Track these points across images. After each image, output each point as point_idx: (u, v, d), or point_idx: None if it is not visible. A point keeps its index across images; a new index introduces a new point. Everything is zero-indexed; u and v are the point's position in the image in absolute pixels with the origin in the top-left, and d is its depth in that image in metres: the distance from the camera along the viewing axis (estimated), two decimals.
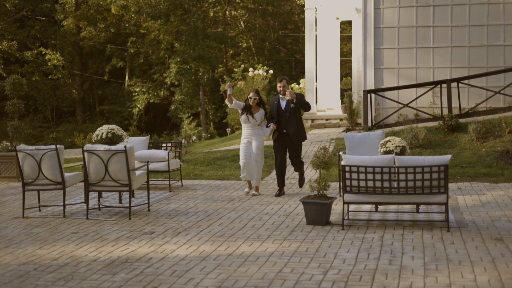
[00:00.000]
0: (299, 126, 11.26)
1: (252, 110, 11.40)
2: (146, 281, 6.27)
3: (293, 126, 11.15)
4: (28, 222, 9.40)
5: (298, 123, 11.22)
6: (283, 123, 11.22)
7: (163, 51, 42.42)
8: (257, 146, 11.32)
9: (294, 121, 11.16)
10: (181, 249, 7.51)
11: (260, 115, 11.39)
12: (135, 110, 42.92)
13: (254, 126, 11.39)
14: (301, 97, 11.25)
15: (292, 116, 11.17)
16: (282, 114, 11.22)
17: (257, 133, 11.40)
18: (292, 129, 11.14)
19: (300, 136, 11.28)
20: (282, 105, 11.25)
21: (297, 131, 11.19)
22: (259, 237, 8.05)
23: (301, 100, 11.19)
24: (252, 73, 25.18)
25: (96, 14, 45.23)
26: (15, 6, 43.74)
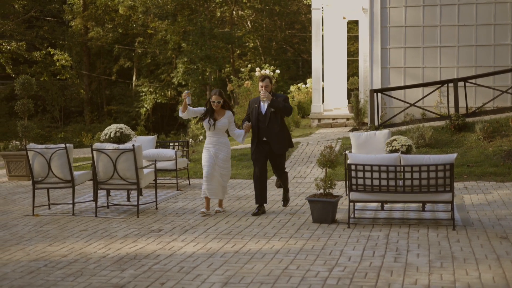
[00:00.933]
0: (282, 132, 9.60)
1: (216, 114, 9.63)
2: (154, 277, 6.37)
3: (274, 134, 9.51)
4: (38, 220, 9.51)
5: (280, 130, 9.57)
6: (262, 130, 9.56)
7: (170, 51, 42.56)
8: (224, 158, 9.59)
9: (275, 127, 9.51)
10: (188, 246, 7.60)
11: (226, 120, 9.63)
12: (143, 110, 43.06)
13: (220, 133, 9.65)
14: (282, 99, 9.58)
15: (273, 122, 9.52)
16: (261, 119, 9.57)
17: (223, 142, 9.63)
18: (273, 137, 9.52)
19: (282, 145, 9.63)
20: (263, 109, 9.59)
21: (279, 139, 9.55)
22: (266, 234, 8.14)
23: (275, 102, 9.46)
24: (259, 72, 25.27)
25: (104, 14, 45.41)
26: (23, 7, 43.96)
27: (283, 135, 9.60)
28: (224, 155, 9.60)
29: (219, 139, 9.62)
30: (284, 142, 9.66)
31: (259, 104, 9.66)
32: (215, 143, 9.60)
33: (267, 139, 9.57)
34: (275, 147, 9.54)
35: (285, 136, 9.65)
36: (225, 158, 9.60)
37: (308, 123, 21.23)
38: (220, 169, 9.56)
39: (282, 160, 9.77)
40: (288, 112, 9.56)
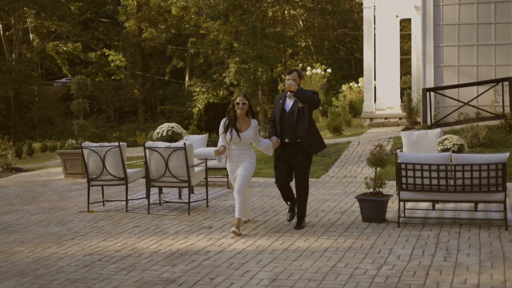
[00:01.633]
0: (313, 132, 8.42)
1: (239, 123, 8.41)
2: (204, 272, 6.49)
3: (304, 132, 8.32)
4: (93, 216, 9.77)
5: (310, 129, 8.37)
6: (285, 130, 8.39)
7: (222, 51, 42.89)
8: (247, 167, 8.38)
9: (304, 126, 8.32)
10: (238, 243, 7.71)
11: (251, 132, 8.38)
12: (195, 109, 43.54)
13: (245, 145, 8.44)
14: (311, 92, 8.38)
15: (302, 120, 8.33)
16: (285, 118, 8.39)
17: (248, 154, 8.45)
18: (304, 137, 8.32)
19: (315, 146, 8.46)
20: (287, 106, 8.43)
21: (311, 138, 8.38)
22: (315, 233, 8.18)
23: (301, 92, 8.28)
24: (310, 72, 25.26)
25: (157, 15, 46.06)
26: (79, 9, 44.95)
27: (314, 134, 8.46)
28: (249, 164, 8.40)
29: (243, 150, 8.44)
30: (317, 141, 8.49)
31: (284, 100, 8.48)
32: (239, 156, 8.42)
33: (290, 140, 8.38)
34: (308, 148, 8.37)
35: (316, 135, 8.51)
36: (248, 167, 8.37)
37: (360, 122, 21.12)
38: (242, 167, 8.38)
39: (306, 166, 8.48)
40: (316, 103, 8.31)
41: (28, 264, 7.03)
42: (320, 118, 26.11)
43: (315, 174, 13.34)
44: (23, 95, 43.54)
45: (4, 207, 10.88)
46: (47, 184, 13.65)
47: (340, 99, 25.68)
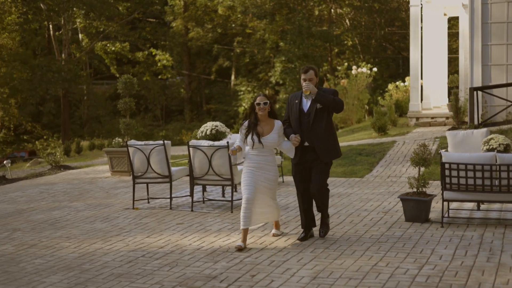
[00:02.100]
0: (330, 136, 7.62)
1: (261, 126, 7.59)
2: (245, 269, 6.56)
3: (319, 137, 7.52)
4: (138, 213, 9.95)
5: (327, 132, 7.58)
6: (304, 132, 7.58)
7: (268, 50, 42.98)
8: (271, 178, 7.62)
9: (320, 128, 7.53)
10: (279, 241, 7.75)
11: (275, 135, 7.57)
12: (241, 109, 43.75)
13: (268, 151, 7.62)
14: (330, 92, 7.62)
15: (319, 122, 7.55)
16: (303, 119, 7.59)
17: (270, 161, 7.63)
18: (319, 141, 7.53)
19: (330, 152, 7.64)
20: (305, 106, 7.64)
21: (326, 144, 7.57)
22: (356, 232, 8.16)
23: (321, 95, 7.46)
24: (356, 71, 25.13)
25: (204, 15, 46.42)
26: (127, 9, 45.62)
27: (331, 139, 7.64)
28: (272, 174, 7.62)
29: (265, 157, 7.58)
30: (333, 148, 7.67)
31: (301, 99, 7.68)
32: (260, 162, 7.56)
33: (310, 143, 7.57)
34: (323, 155, 7.55)
35: (333, 140, 7.68)
36: (271, 177, 7.61)
37: (406, 122, 20.92)
38: (265, 184, 7.58)
39: (325, 170, 7.68)
40: (339, 106, 7.53)
41: (74, 259, 7.21)
42: (366, 117, 25.95)
43: (359, 173, 13.29)
44: (72, 94, 44.47)
45: (52, 203, 11.15)
46: (94, 181, 13.93)
47: (386, 98, 25.48)
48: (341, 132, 23.43)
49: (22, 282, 6.36)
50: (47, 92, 43.50)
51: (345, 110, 25.39)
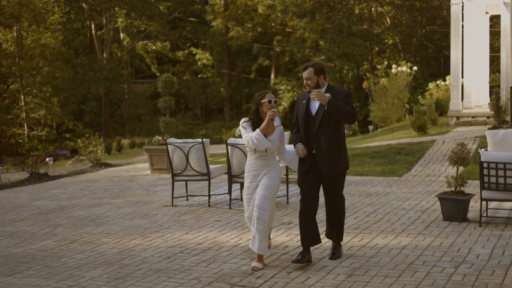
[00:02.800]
0: (336, 145, 6.57)
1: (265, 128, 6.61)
2: (281, 266, 6.62)
3: (323, 145, 6.52)
4: (177, 210, 10.08)
5: (333, 140, 6.54)
6: (311, 138, 6.61)
7: (308, 49, 42.94)
8: (269, 185, 6.61)
9: (325, 136, 6.52)
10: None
11: (276, 138, 6.64)
12: (280, 107, 43.81)
13: (269, 155, 6.69)
14: (342, 96, 6.54)
15: (325, 127, 6.52)
16: (310, 123, 6.61)
17: (272, 164, 6.72)
18: (321, 151, 6.52)
19: (334, 164, 6.57)
20: (313, 108, 6.63)
21: (329, 154, 6.53)
22: (394, 230, 8.15)
23: (333, 105, 6.39)
24: (396, 70, 24.95)
25: (244, 14, 46.59)
26: (168, 8, 46.08)
27: (336, 148, 6.56)
28: (272, 181, 6.63)
29: (267, 162, 6.69)
30: (337, 159, 6.57)
31: (308, 100, 6.67)
32: (260, 166, 6.68)
33: (316, 151, 6.56)
34: (323, 167, 6.52)
35: (339, 150, 6.59)
36: (270, 184, 6.61)
37: (446, 121, 20.71)
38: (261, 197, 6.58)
39: (339, 181, 6.73)
40: (351, 118, 6.47)
41: (114, 254, 7.36)
42: (406, 116, 25.76)
43: (398, 172, 13.22)
44: (114, 93, 45.13)
45: (93, 200, 11.38)
46: (134, 179, 14.14)
47: (426, 98, 25.25)
48: (380, 131, 23.32)
49: (63, 276, 6.53)
50: (89, 91, 44.23)
51: (384, 109, 25.28)
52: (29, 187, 13.26)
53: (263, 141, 6.46)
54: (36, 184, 13.71)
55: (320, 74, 6.57)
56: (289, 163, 6.76)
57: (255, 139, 6.47)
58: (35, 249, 7.70)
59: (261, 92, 6.71)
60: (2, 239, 8.34)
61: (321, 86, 6.59)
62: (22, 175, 16.16)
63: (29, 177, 14.30)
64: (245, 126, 6.67)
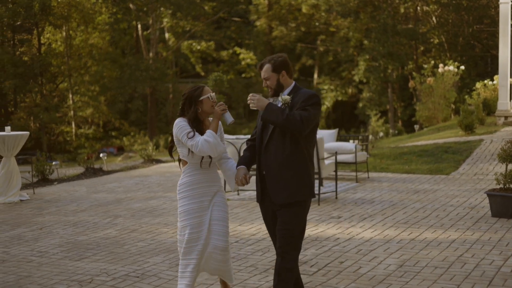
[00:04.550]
0: (290, 164, 4.81)
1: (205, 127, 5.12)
2: (333, 256, 6.88)
3: (275, 163, 4.84)
4: (229, 204, 10.37)
5: (288, 158, 4.81)
6: (261, 153, 4.95)
7: (352, 48, 42.94)
8: (223, 206, 5.18)
9: (278, 151, 4.82)
10: (366, 233, 8.02)
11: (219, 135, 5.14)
12: (323, 107, 43.90)
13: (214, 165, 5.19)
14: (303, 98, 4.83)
15: (276, 141, 4.85)
16: (264, 136, 4.94)
17: (218, 178, 5.24)
18: (272, 171, 4.84)
19: (285, 189, 4.81)
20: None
21: (282, 175, 4.81)
22: (442, 225, 8.32)
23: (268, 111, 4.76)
24: (442, 69, 24.88)
25: (288, 13, 46.81)
26: (213, 8, 46.59)
27: (292, 168, 4.81)
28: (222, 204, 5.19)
29: (214, 175, 5.19)
30: (293, 182, 4.81)
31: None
32: (208, 184, 5.13)
33: (266, 171, 4.90)
34: (272, 191, 4.84)
35: (295, 170, 4.82)
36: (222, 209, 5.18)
37: (494, 121, 20.60)
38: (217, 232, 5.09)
39: (294, 215, 4.84)
40: (292, 126, 4.69)
41: (173, 243, 7.71)
42: (453, 116, 25.66)
43: (445, 171, 13.33)
44: (159, 92, 45.84)
45: (148, 193, 11.78)
46: None
47: (473, 97, 25.09)
48: (427, 130, 23.30)
49: (128, 261, 6.91)
50: (135, 90, 45.02)
51: (430, 108, 25.23)
52: (86, 181, 13.77)
53: (220, 144, 4.95)
54: (91, 178, 14.22)
55: (281, 70, 4.96)
56: (228, 178, 5.15)
57: (211, 143, 4.87)
58: (99, 237, 8.11)
59: (197, 87, 5.11)
60: (67, 227, 8.79)
61: (285, 87, 4.97)
62: (77, 170, 16.73)
63: (84, 172, 14.82)
64: (187, 130, 4.96)
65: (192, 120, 5.03)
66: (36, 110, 41.09)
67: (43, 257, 7.20)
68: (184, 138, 4.95)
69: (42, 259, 7.09)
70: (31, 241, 8.04)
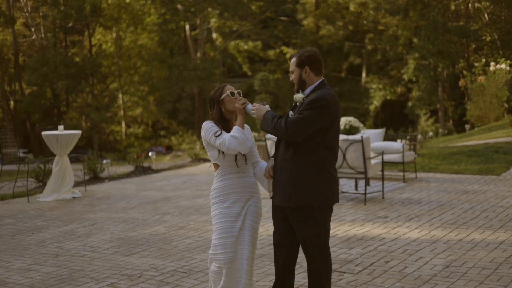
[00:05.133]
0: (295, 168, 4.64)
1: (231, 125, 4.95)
2: (379, 256, 6.88)
3: (279, 161, 4.75)
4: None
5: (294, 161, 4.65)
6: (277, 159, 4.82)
7: (401, 47, 42.51)
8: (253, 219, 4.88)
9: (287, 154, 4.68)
10: (412, 233, 7.98)
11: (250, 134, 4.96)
12: (372, 106, 43.61)
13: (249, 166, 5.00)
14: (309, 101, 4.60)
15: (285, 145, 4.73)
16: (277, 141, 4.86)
17: (254, 184, 4.96)
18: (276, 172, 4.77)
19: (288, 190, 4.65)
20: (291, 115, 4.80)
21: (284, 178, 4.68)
22: (491, 226, 8.22)
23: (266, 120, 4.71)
24: (494, 67, 24.45)
25: (335, 12, 46.62)
26: (260, 8, 46.75)
27: (296, 171, 4.64)
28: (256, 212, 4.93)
29: (250, 177, 4.95)
30: (296, 187, 4.63)
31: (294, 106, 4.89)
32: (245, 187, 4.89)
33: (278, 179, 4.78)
34: (276, 193, 4.77)
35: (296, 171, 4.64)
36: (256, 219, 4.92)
37: None
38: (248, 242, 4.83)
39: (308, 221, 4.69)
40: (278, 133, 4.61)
41: None
42: (505, 115, 25.19)
43: (496, 171, 13.12)
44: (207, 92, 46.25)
45: (196, 192, 11.95)
46: None
47: None
48: (477, 130, 22.95)
49: (176, 257, 7.05)
50: (183, 90, 45.52)
51: (481, 107, 24.82)
52: (135, 179, 14.05)
53: (248, 139, 4.74)
54: (141, 176, 14.50)
55: (304, 65, 4.74)
56: (259, 180, 5.00)
57: (238, 138, 4.67)
58: (148, 234, 8.30)
59: (217, 88, 4.99)
60: (117, 224, 9.02)
61: (308, 84, 4.75)
62: (127, 169, 17.05)
63: (134, 170, 15.13)
64: (214, 130, 4.79)
65: (218, 120, 4.89)
66: (88, 109, 41.99)
67: (94, 252, 7.42)
68: (212, 138, 4.79)
69: (94, 254, 7.30)
70: (83, 236, 8.28)
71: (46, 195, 11.34)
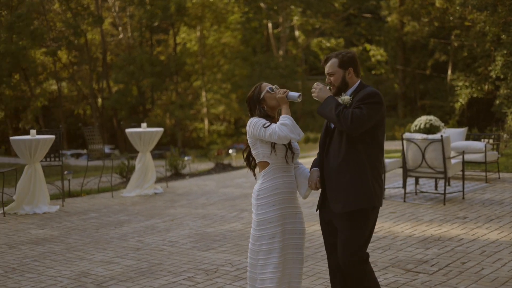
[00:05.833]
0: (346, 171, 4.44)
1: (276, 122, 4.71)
2: (456, 257, 6.80)
3: (332, 169, 4.52)
4: None
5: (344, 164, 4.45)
6: (323, 157, 4.65)
7: (488, 43, 41.26)
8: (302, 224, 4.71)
9: (336, 157, 4.49)
10: (492, 234, 7.83)
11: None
12: (457, 104, 42.54)
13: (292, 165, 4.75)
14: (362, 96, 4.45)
15: (335, 145, 4.53)
16: (327, 140, 4.63)
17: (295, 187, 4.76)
18: (328, 177, 4.55)
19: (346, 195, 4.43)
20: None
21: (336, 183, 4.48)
22: None
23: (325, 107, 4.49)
24: None
25: (420, 8, 45.77)
26: (343, 5, 46.47)
27: (348, 175, 4.45)
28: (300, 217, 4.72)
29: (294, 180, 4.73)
30: (350, 191, 4.43)
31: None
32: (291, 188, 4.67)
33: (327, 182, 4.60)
34: (331, 199, 4.52)
35: (352, 178, 4.45)
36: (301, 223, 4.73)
37: None
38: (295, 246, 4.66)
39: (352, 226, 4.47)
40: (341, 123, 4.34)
41: None
42: None
43: None
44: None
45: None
46: None
47: None
48: None
49: None
50: None
51: None
52: (215, 176, 14.35)
53: (296, 126, 4.50)
54: (221, 173, 14.79)
55: (348, 66, 4.59)
56: (299, 184, 4.74)
57: (289, 125, 4.46)
58: (225, 230, 8.50)
59: (254, 87, 4.80)
60: (196, 220, 9.28)
61: (349, 85, 4.60)
62: (207, 165, 17.42)
63: (214, 167, 15.44)
64: (262, 122, 4.56)
65: (264, 118, 4.63)
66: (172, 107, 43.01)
67: (173, 246, 7.67)
68: (261, 130, 4.50)
69: (173, 249, 7.56)
70: (163, 231, 8.57)
71: (129, 190, 11.77)
